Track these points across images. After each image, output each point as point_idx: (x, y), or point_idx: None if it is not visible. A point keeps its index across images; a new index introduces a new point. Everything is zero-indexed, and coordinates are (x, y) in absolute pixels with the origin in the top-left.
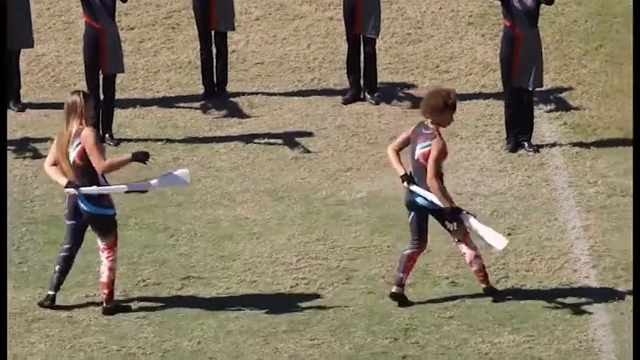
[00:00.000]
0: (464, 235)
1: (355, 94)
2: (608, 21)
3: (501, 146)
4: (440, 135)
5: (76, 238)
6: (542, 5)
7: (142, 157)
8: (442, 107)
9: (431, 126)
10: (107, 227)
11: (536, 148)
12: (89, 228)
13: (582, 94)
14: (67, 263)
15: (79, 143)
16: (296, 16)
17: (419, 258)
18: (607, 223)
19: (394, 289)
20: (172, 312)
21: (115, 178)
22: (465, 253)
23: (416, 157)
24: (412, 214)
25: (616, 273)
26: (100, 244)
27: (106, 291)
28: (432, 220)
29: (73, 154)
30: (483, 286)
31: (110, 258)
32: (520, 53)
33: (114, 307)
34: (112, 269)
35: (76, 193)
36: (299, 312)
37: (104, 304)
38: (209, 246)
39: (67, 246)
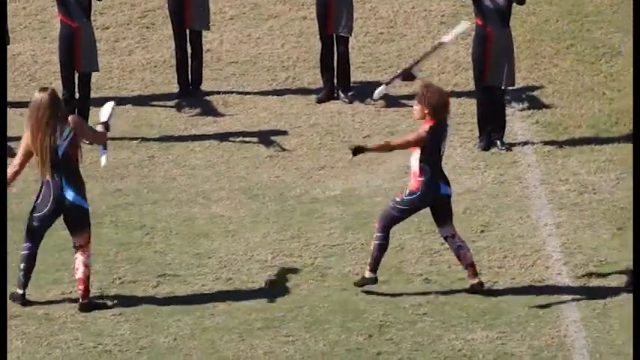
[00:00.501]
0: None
1: (329, 92)
2: (579, 20)
3: (474, 144)
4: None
5: (41, 236)
6: (514, 5)
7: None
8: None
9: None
10: (86, 221)
11: (509, 147)
12: (57, 225)
13: (554, 93)
14: (32, 261)
15: (70, 131)
16: (270, 15)
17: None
18: (579, 221)
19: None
20: (148, 309)
21: (93, 178)
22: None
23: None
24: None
25: (587, 270)
26: (75, 240)
27: (81, 287)
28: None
29: (64, 145)
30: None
31: (85, 254)
32: (492, 52)
33: (90, 303)
34: (87, 265)
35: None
36: (274, 309)
37: (80, 300)
38: (184, 243)
39: (29, 244)
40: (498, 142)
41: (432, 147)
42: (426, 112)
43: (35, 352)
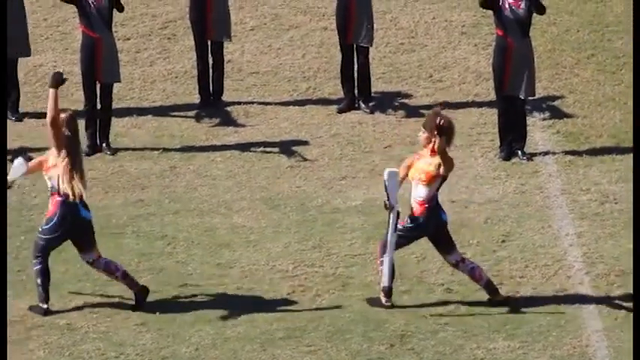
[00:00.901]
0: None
1: (350, 103)
2: (600, 30)
3: (495, 154)
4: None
5: (50, 252)
6: (534, 15)
7: (58, 78)
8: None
9: None
10: (93, 233)
11: (530, 156)
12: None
13: (574, 103)
14: (46, 274)
15: None
16: (291, 26)
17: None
18: (600, 230)
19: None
20: (170, 319)
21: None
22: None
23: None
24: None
25: (609, 279)
26: (89, 258)
27: (126, 281)
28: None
29: None
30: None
31: (101, 265)
32: (512, 62)
33: (144, 288)
34: (115, 268)
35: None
36: (296, 319)
37: (135, 294)
38: (206, 254)
39: (40, 259)
40: (519, 152)
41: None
42: (436, 139)
43: None
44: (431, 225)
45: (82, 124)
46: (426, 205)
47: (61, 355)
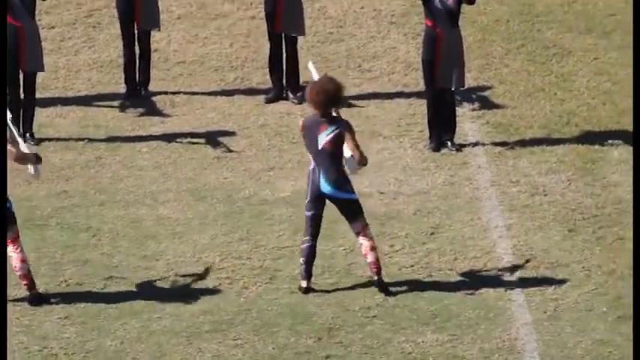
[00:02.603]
0: (363, 226)
1: (278, 93)
2: (530, 20)
3: (424, 145)
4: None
5: None
6: (464, 5)
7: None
8: (340, 94)
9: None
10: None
11: (459, 147)
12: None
13: (504, 93)
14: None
15: None
16: (218, 15)
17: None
18: (529, 222)
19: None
20: (95, 312)
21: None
22: (361, 244)
23: (322, 147)
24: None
25: (538, 272)
26: (10, 236)
27: (25, 282)
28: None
29: None
30: (375, 278)
31: (19, 249)
32: (442, 53)
33: (37, 294)
34: (24, 260)
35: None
36: (222, 312)
37: (29, 294)
38: (131, 246)
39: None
40: (449, 143)
41: None
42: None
43: None
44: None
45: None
46: None
47: None
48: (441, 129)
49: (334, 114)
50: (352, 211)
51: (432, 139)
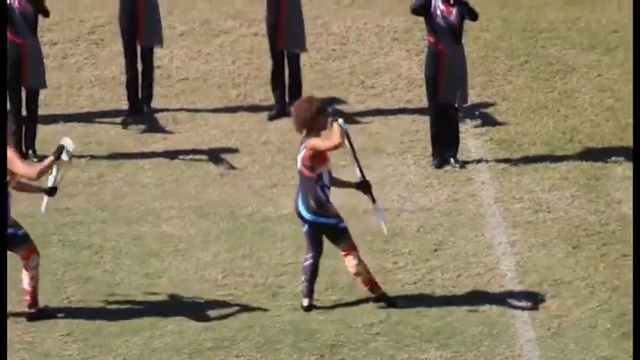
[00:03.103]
0: (347, 249)
1: (281, 109)
2: (533, 37)
3: (427, 162)
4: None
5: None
6: (467, 21)
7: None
8: (314, 116)
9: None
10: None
11: (463, 164)
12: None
13: (507, 110)
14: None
15: None
16: (220, 31)
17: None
18: (533, 239)
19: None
20: (96, 329)
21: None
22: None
23: (298, 169)
24: (306, 226)
25: (542, 289)
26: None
27: (29, 298)
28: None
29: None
30: (372, 295)
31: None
32: (445, 70)
33: (39, 311)
34: (33, 277)
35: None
36: (225, 329)
37: (30, 311)
38: (134, 263)
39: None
40: (452, 160)
41: None
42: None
43: None
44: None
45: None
46: None
47: None
48: (445, 146)
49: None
50: (331, 235)
51: (435, 155)
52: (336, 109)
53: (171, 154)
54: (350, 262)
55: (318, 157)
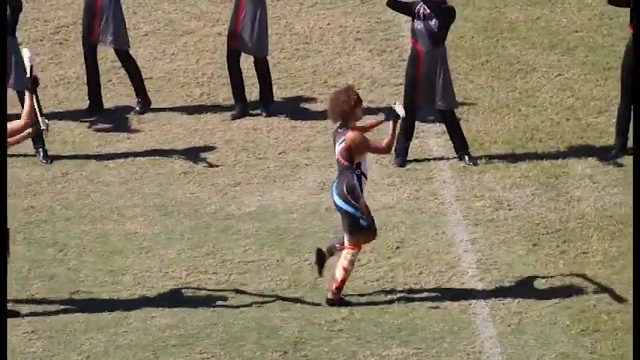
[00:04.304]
0: (348, 243)
1: (243, 109)
2: (495, 37)
3: (390, 160)
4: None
5: None
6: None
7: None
8: (352, 108)
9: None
10: None
11: (476, 161)
12: None
13: (469, 109)
14: None
15: None
16: (185, 31)
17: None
18: (494, 237)
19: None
20: (61, 326)
21: None
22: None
23: (336, 157)
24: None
25: (502, 286)
26: None
27: None
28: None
29: None
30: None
31: None
32: (422, 72)
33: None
34: None
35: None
36: (189, 326)
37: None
38: (98, 260)
39: None
40: (466, 157)
41: None
42: None
43: None
44: None
45: None
46: None
47: None
48: (408, 144)
49: (353, 125)
50: (348, 225)
51: (398, 154)
52: (299, 109)
53: (136, 153)
54: (347, 257)
55: (358, 152)
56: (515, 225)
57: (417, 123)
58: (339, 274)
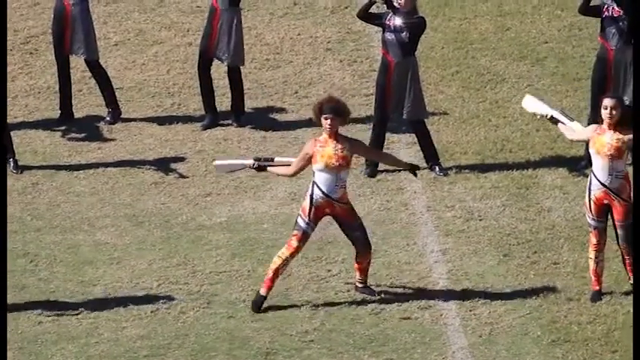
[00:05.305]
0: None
1: (213, 119)
2: (465, 47)
3: (360, 171)
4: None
5: None
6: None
7: None
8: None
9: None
10: None
11: (446, 172)
12: None
13: (439, 120)
14: None
15: None
16: (155, 41)
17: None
18: (465, 247)
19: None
20: (32, 337)
21: None
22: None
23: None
24: None
25: (473, 296)
26: None
27: None
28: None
29: None
30: (262, 294)
31: None
32: (392, 82)
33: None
34: None
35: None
36: (160, 337)
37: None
38: (69, 271)
39: None
40: (437, 168)
41: None
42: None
43: None
44: None
45: None
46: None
47: None
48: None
49: None
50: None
51: (368, 164)
52: (269, 119)
53: (106, 163)
54: (282, 252)
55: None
56: (486, 235)
57: (387, 133)
58: (269, 275)
